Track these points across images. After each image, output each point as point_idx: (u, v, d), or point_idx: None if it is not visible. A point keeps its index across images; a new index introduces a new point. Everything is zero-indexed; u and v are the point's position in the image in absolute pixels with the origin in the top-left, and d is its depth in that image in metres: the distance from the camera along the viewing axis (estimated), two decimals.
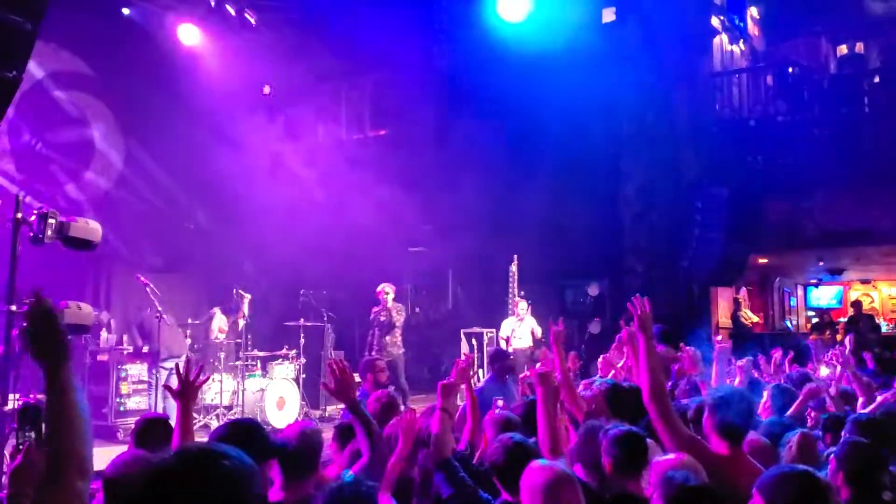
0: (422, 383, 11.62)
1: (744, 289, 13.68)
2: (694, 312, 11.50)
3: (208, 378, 4.45)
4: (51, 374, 1.84)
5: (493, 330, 12.43)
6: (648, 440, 3.33)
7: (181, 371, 3.35)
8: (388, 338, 10.16)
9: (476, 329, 12.64)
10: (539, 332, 11.26)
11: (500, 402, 5.00)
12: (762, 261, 14.06)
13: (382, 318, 10.20)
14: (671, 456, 2.95)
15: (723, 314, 12.43)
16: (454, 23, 13.45)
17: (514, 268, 12.05)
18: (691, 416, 3.94)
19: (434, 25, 13.33)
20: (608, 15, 12.94)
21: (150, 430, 3.62)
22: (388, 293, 10.32)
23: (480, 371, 12.32)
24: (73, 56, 10.69)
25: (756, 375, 5.93)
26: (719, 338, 8.06)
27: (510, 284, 12.18)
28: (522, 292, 12.29)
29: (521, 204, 13.43)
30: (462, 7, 13.26)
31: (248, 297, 10.35)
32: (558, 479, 2.55)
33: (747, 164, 11.79)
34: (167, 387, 3.82)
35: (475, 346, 12.47)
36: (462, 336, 12.77)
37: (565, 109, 12.10)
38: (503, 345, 11.01)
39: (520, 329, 11.41)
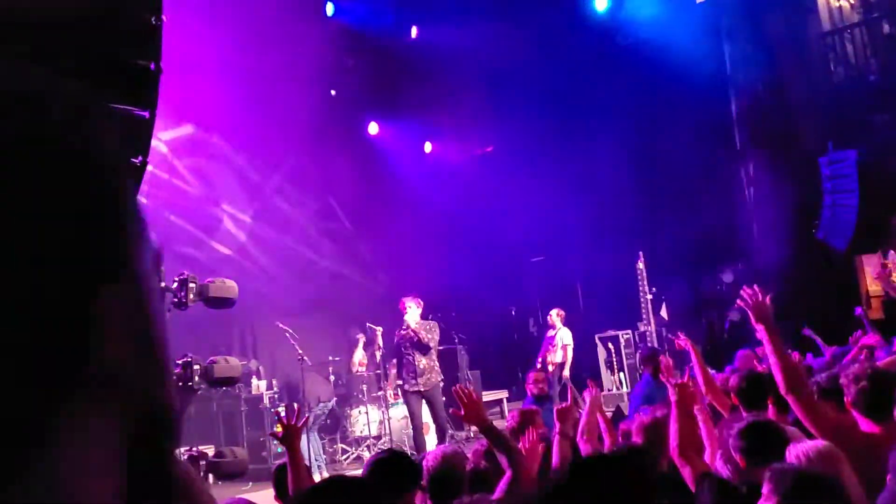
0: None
1: (892, 252, 12.81)
2: (839, 285, 10.91)
3: (307, 421, 4.68)
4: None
5: (629, 331, 12.23)
6: (791, 428, 3.24)
7: (282, 418, 3.56)
8: (426, 361, 8.65)
9: (610, 332, 12.47)
10: (570, 345, 10.67)
11: None
12: None
13: (414, 339, 8.63)
14: (806, 443, 2.85)
15: (871, 283, 11.70)
16: (548, 27, 13.46)
17: (640, 265, 11.81)
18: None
19: (527, 34, 13.38)
20: None
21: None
22: (409, 307, 8.69)
23: (621, 374, 12.15)
24: (188, 122, 11.45)
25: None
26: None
27: (639, 282, 11.94)
28: (654, 289, 12.03)
29: (640, 199, 13.22)
30: (553, 10, 13.28)
31: (379, 329, 10.63)
32: None
33: (872, 121, 11.11)
34: (273, 434, 4.07)
35: (612, 350, 12.31)
36: (597, 341, 12.63)
37: (669, 98, 11.86)
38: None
39: (556, 340, 10.84)
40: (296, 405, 6.04)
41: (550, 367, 10.71)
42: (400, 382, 9.04)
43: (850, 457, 2.62)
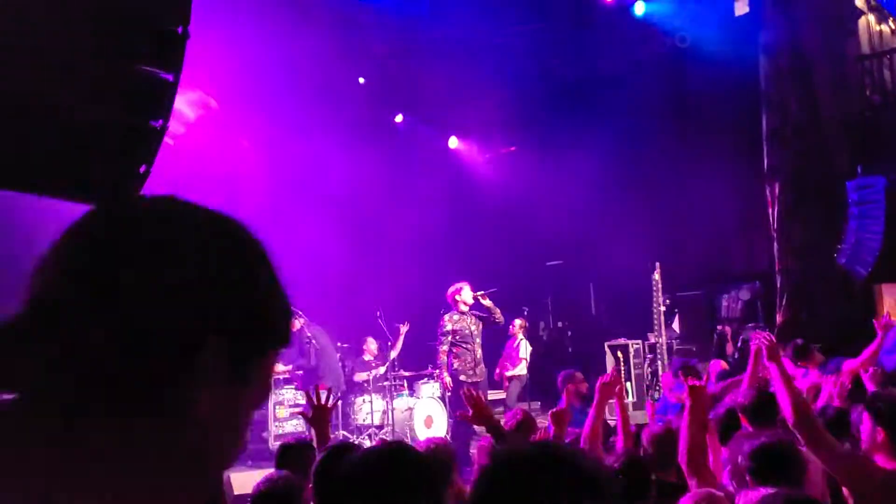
0: None
1: None
2: (857, 313, 10.73)
3: (337, 401, 4.65)
4: None
5: (640, 341, 12.09)
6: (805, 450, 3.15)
7: (312, 397, 3.52)
8: (481, 351, 8.81)
9: (621, 341, 12.35)
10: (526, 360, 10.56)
11: None
12: None
13: (489, 319, 8.93)
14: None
15: (892, 313, 11.50)
16: (582, 28, 13.35)
17: (656, 276, 11.68)
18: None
19: (550, 34, 13.28)
20: (741, 7, 12.44)
21: (292, 454, 3.79)
22: (463, 289, 8.85)
23: (629, 384, 12.01)
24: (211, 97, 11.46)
25: None
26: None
27: (654, 293, 11.81)
28: (668, 300, 11.90)
29: (661, 208, 13.09)
30: (589, 12, 13.16)
31: (405, 327, 10.60)
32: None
33: None
34: (302, 414, 4.04)
35: (621, 359, 12.17)
36: (607, 349, 12.51)
37: (700, 106, 11.74)
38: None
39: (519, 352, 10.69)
40: (319, 386, 6.02)
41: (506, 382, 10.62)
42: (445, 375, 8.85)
43: (867, 494, 2.52)
